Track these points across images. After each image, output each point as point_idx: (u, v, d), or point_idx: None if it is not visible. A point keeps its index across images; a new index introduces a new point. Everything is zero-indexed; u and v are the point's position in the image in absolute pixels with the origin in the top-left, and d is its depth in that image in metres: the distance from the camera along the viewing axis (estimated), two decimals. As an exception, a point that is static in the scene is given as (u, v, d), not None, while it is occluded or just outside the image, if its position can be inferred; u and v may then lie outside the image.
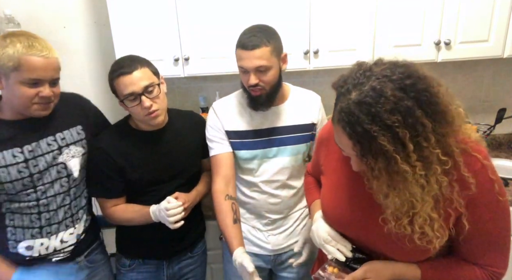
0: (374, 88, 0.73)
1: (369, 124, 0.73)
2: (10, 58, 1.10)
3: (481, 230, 0.85)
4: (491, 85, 2.21)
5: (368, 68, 0.79)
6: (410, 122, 0.72)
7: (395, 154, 0.73)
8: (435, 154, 0.75)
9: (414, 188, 0.77)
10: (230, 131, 1.43)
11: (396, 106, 0.72)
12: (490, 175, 0.82)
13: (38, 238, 1.27)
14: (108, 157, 1.35)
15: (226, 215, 1.36)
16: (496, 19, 1.76)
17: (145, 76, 1.28)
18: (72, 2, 2.00)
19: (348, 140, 0.78)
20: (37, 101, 1.16)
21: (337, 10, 1.75)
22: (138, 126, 1.41)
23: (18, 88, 1.13)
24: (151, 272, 1.52)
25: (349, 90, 0.77)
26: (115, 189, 1.40)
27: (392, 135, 0.72)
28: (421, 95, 0.73)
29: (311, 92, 1.52)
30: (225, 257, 1.60)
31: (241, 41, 1.29)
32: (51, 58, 1.16)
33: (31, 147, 1.22)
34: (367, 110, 0.73)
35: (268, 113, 1.42)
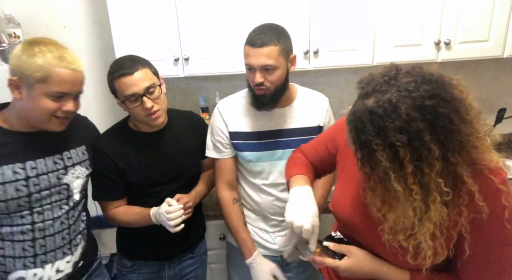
0: (391, 101, 0.70)
1: (373, 136, 0.71)
2: (39, 69, 1.03)
3: (481, 256, 0.82)
4: (491, 85, 2.21)
5: (394, 76, 0.75)
6: (416, 145, 0.69)
7: (390, 171, 0.72)
8: (437, 182, 0.72)
9: (407, 210, 0.75)
10: (233, 132, 1.42)
11: (406, 125, 0.69)
12: (503, 201, 0.77)
13: (31, 268, 1.14)
14: (108, 159, 1.35)
15: (238, 219, 1.43)
16: (496, 19, 1.76)
17: (146, 77, 1.27)
18: (72, 2, 2.00)
19: (352, 144, 0.78)
20: (59, 115, 1.10)
21: (337, 10, 1.75)
22: (138, 127, 1.41)
23: (41, 100, 1.05)
24: (152, 273, 1.52)
25: (368, 94, 0.75)
26: (115, 191, 1.40)
27: (393, 153, 0.70)
28: (439, 119, 0.69)
29: (318, 94, 1.49)
30: (230, 259, 1.60)
31: (250, 38, 1.27)
32: (79, 71, 1.11)
33: (35, 163, 1.12)
34: (376, 122, 0.71)
35: (274, 114, 1.40)
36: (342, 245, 0.96)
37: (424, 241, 0.77)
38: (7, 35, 1.71)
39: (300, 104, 1.43)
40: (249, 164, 1.44)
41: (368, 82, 0.77)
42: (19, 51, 1.06)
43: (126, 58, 1.32)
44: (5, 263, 1.12)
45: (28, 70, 1.03)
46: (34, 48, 1.05)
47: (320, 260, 0.97)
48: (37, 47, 1.05)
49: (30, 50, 1.04)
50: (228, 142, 1.43)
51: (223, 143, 1.44)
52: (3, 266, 1.12)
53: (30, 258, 1.13)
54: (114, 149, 1.36)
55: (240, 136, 1.41)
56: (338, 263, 0.93)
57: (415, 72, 0.75)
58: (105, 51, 2.04)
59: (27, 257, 1.13)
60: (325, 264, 0.96)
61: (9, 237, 1.10)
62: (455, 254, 0.83)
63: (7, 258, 1.11)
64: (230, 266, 1.60)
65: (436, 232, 0.77)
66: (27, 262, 1.13)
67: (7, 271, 1.12)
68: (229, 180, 1.47)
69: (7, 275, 1.12)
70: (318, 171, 1.24)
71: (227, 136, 1.42)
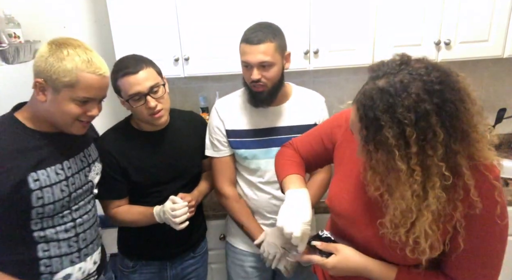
0: (402, 81, 0.73)
1: (382, 113, 0.73)
2: (67, 73, 1.00)
3: (473, 250, 0.83)
4: (491, 85, 2.21)
5: (406, 61, 0.78)
6: (422, 125, 0.71)
7: (395, 149, 0.73)
8: (438, 166, 0.73)
9: (405, 191, 0.76)
10: (230, 130, 1.43)
11: (414, 105, 0.71)
12: (496, 196, 0.80)
13: (77, 263, 1.16)
14: (111, 158, 1.35)
15: (248, 212, 1.47)
16: (496, 19, 1.76)
17: (150, 76, 1.28)
18: (72, 2, 2.00)
19: (358, 122, 0.79)
20: (82, 119, 1.09)
21: (337, 10, 1.75)
22: (140, 126, 1.41)
23: (67, 104, 1.04)
24: (154, 273, 1.52)
25: (379, 76, 0.77)
26: (118, 190, 1.40)
27: (399, 131, 0.72)
28: (445, 104, 0.71)
29: (314, 93, 1.51)
30: (229, 258, 1.60)
31: (246, 36, 1.30)
32: (106, 76, 1.09)
33: (69, 163, 1.13)
34: (386, 99, 0.73)
35: (269, 112, 1.41)
36: (330, 244, 0.97)
37: (423, 231, 0.78)
38: (7, 35, 1.71)
39: (295, 102, 1.44)
40: (245, 161, 1.45)
41: (380, 66, 0.79)
42: (46, 52, 1.02)
43: (130, 57, 1.32)
44: (51, 264, 1.11)
45: (56, 74, 1.00)
46: (63, 50, 1.02)
47: (307, 258, 0.99)
48: (65, 50, 1.02)
49: (59, 52, 1.01)
50: (226, 140, 1.44)
51: (221, 141, 1.45)
52: (49, 268, 1.10)
53: (76, 253, 1.15)
54: (116, 148, 1.36)
55: (236, 134, 1.43)
56: (325, 261, 0.95)
57: (425, 60, 0.78)
58: (105, 51, 2.03)
59: (73, 253, 1.15)
60: (313, 261, 0.97)
61: (54, 238, 1.10)
62: (450, 248, 0.84)
63: (54, 258, 1.11)
64: (230, 265, 1.60)
65: (432, 225, 0.78)
66: (74, 258, 1.15)
67: (53, 271, 1.11)
68: (230, 178, 1.49)
69: (53, 276, 1.11)
70: (310, 165, 1.23)
71: (225, 134, 1.44)
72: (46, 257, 1.10)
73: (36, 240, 1.07)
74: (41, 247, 1.08)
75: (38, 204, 1.04)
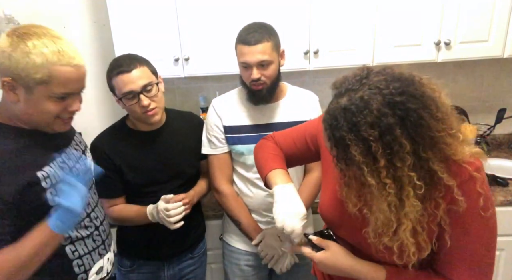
0: (362, 98, 0.73)
1: (346, 132, 0.74)
2: (38, 69, 0.89)
3: (460, 245, 0.83)
4: (491, 85, 2.21)
5: (366, 75, 0.78)
6: (387, 139, 0.71)
7: (363, 166, 0.74)
8: (409, 176, 0.74)
9: (381, 204, 0.76)
10: (227, 126, 1.45)
11: (377, 120, 0.71)
12: (478, 188, 0.79)
13: (105, 255, 1.15)
14: (105, 157, 1.36)
15: (246, 210, 1.48)
16: (496, 19, 1.76)
17: (144, 75, 1.29)
18: (72, 2, 2.00)
19: (327, 141, 0.80)
20: (64, 116, 1.00)
21: (337, 10, 1.75)
22: (136, 126, 1.42)
23: (45, 103, 0.94)
24: (151, 273, 1.52)
25: (342, 93, 0.77)
26: (113, 189, 1.40)
27: (365, 147, 0.73)
28: (408, 115, 0.71)
29: (309, 92, 1.54)
30: (226, 258, 1.60)
31: (242, 37, 1.33)
32: (82, 66, 0.98)
33: (67, 154, 1.06)
34: (349, 117, 0.73)
35: (266, 109, 1.45)
36: (324, 240, 0.98)
37: (406, 238, 0.78)
38: (7, 35, 1.71)
39: (290, 99, 1.48)
40: (241, 157, 1.46)
41: (342, 83, 0.80)
42: (7, 46, 0.89)
43: (125, 56, 1.33)
44: (83, 263, 1.07)
45: (25, 71, 0.88)
46: (27, 42, 0.88)
47: (298, 248, 1.00)
48: (30, 42, 0.89)
49: (23, 46, 0.88)
50: (223, 136, 1.46)
51: (218, 138, 1.46)
52: (82, 267, 1.07)
53: (102, 246, 1.14)
54: (111, 147, 1.37)
55: (233, 129, 1.45)
56: (313, 254, 0.96)
57: (385, 72, 0.78)
58: (105, 51, 2.04)
59: (99, 246, 1.13)
60: (303, 253, 0.99)
61: (79, 236, 1.06)
62: (438, 246, 0.84)
63: (84, 257, 1.07)
64: (226, 264, 1.60)
65: (417, 227, 0.78)
66: (101, 250, 1.13)
67: (86, 269, 1.08)
68: (227, 175, 1.51)
69: (88, 273, 1.08)
70: (290, 161, 1.21)
71: (222, 130, 1.46)
72: (76, 257, 1.06)
73: (62, 243, 1.01)
74: (69, 249, 1.04)
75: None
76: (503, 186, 1.79)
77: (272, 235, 1.40)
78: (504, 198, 1.70)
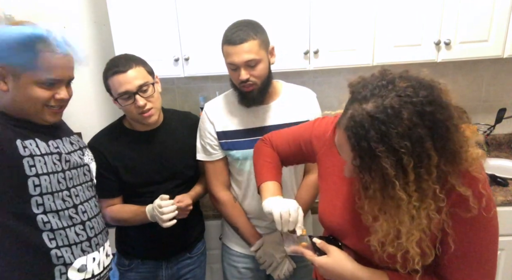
0: (393, 106, 0.69)
1: (376, 143, 0.69)
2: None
3: (463, 247, 0.81)
4: (491, 85, 2.21)
5: (392, 80, 0.74)
6: (418, 152, 0.69)
7: (395, 179, 0.70)
8: (433, 189, 0.72)
9: (404, 217, 0.75)
10: (220, 131, 1.41)
11: (409, 131, 0.68)
12: (480, 188, 0.77)
13: (90, 253, 1.10)
14: (101, 157, 1.36)
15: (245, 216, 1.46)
16: (496, 19, 1.76)
17: (139, 75, 1.28)
18: (72, 2, 2.00)
19: (350, 151, 0.75)
20: (52, 104, 1.03)
21: (337, 10, 1.75)
22: (132, 126, 1.42)
23: (32, 89, 0.98)
24: (150, 272, 1.52)
25: (367, 98, 0.73)
26: (109, 189, 1.40)
27: (397, 160, 0.69)
28: (437, 126, 0.69)
29: (305, 89, 1.48)
30: (224, 260, 1.60)
31: (227, 37, 1.27)
32: (69, 54, 1.01)
33: (56, 143, 1.08)
34: (378, 127, 0.69)
35: (259, 111, 1.39)
36: (327, 244, 0.96)
37: (412, 248, 0.77)
38: (7, 35, 1.71)
39: (285, 99, 1.42)
40: (237, 162, 1.43)
41: (364, 86, 0.76)
42: None
43: (121, 56, 1.33)
44: (62, 254, 1.04)
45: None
46: None
47: (300, 249, 0.99)
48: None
49: None
50: (217, 143, 1.42)
51: (212, 145, 1.43)
52: (61, 259, 1.04)
53: (86, 242, 1.09)
54: (107, 147, 1.38)
55: (227, 135, 1.41)
56: (314, 258, 0.95)
57: (409, 77, 0.75)
58: (105, 51, 2.04)
59: (82, 241, 1.08)
60: (304, 255, 0.98)
61: (60, 225, 1.04)
62: (442, 250, 0.83)
63: (63, 248, 1.04)
64: (225, 266, 1.60)
65: (422, 235, 0.77)
66: (84, 246, 1.09)
67: (66, 263, 1.05)
68: (224, 181, 1.48)
69: (68, 268, 1.05)
70: (287, 161, 1.23)
71: (215, 137, 1.42)
72: (54, 246, 1.03)
73: (40, 227, 1.01)
74: (46, 235, 1.02)
75: (32, 173, 0.98)
76: (503, 186, 1.80)
77: (271, 243, 1.39)
78: (504, 198, 1.70)
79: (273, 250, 1.38)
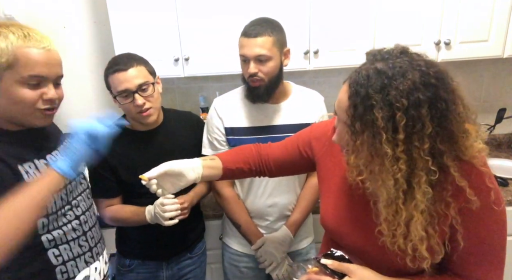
0: (402, 66, 0.72)
1: (375, 92, 0.72)
2: (2, 53, 0.88)
3: (474, 242, 0.81)
4: (491, 85, 2.21)
5: (406, 51, 0.77)
6: (412, 114, 0.70)
7: (383, 131, 0.72)
8: (424, 160, 0.72)
9: (389, 180, 0.74)
10: (228, 127, 1.42)
11: (409, 91, 0.70)
12: (487, 182, 0.78)
13: (92, 263, 1.08)
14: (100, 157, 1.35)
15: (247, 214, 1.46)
16: (496, 19, 1.76)
17: (140, 74, 1.29)
18: (72, 2, 2.00)
19: (347, 99, 0.77)
20: (41, 106, 0.95)
21: (337, 10, 1.75)
22: (132, 126, 1.41)
23: (16, 90, 0.91)
24: (150, 273, 1.52)
25: (378, 59, 0.76)
26: (109, 189, 1.40)
27: (390, 114, 0.71)
28: (438, 101, 0.71)
29: (314, 92, 1.50)
30: (225, 259, 1.60)
31: (244, 29, 1.31)
32: (52, 50, 0.95)
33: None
34: (381, 79, 0.72)
35: (268, 110, 1.41)
36: (342, 264, 0.88)
37: (417, 234, 0.76)
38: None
39: (295, 100, 1.44)
40: None
41: (379, 51, 0.78)
42: None
43: (123, 55, 1.34)
44: (67, 270, 1.01)
45: None
46: None
47: (316, 278, 0.90)
48: None
49: None
50: (224, 138, 1.44)
51: (219, 140, 1.44)
52: (66, 274, 1.01)
53: (88, 253, 1.08)
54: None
55: (235, 131, 1.42)
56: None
57: (425, 56, 0.78)
58: (105, 51, 2.04)
59: (85, 253, 1.06)
60: None
61: (64, 240, 1.01)
62: (451, 248, 0.82)
63: (68, 262, 1.01)
64: (225, 265, 1.60)
65: (429, 229, 0.77)
66: (87, 258, 1.07)
67: (70, 277, 1.02)
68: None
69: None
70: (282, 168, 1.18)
71: (223, 132, 1.43)
72: (60, 263, 1.00)
73: (45, 246, 0.97)
74: (52, 253, 0.98)
75: None
76: (503, 186, 1.80)
77: (272, 242, 1.39)
78: (504, 198, 1.70)
79: (274, 250, 1.38)
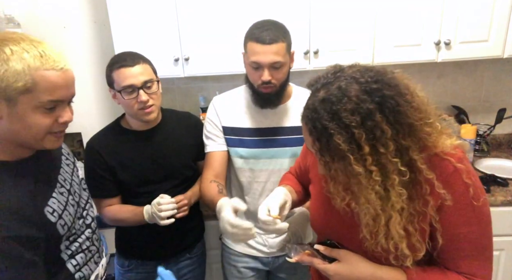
0: (340, 87, 0.75)
1: (328, 121, 0.74)
2: (19, 77, 0.78)
3: (456, 238, 0.82)
4: (491, 85, 2.21)
5: (340, 69, 0.80)
6: (369, 125, 0.72)
7: (349, 154, 0.74)
8: (393, 162, 0.74)
9: (369, 195, 0.76)
10: (227, 127, 1.41)
11: (357, 106, 0.72)
12: (464, 179, 0.78)
13: (100, 262, 1.10)
14: (99, 157, 1.36)
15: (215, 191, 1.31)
16: (496, 19, 1.76)
17: (145, 72, 1.30)
18: (72, 2, 2.00)
19: (309, 136, 0.80)
20: (55, 129, 0.88)
21: (337, 10, 1.75)
22: (130, 125, 1.42)
23: (31, 116, 0.82)
24: (149, 273, 1.52)
25: (318, 89, 0.79)
26: (107, 189, 1.41)
27: (349, 135, 0.73)
28: (386, 101, 0.73)
29: None
30: (224, 259, 1.60)
31: (255, 34, 1.23)
32: (69, 70, 0.87)
33: (63, 176, 0.99)
34: (329, 107, 0.74)
35: (269, 112, 1.39)
36: (334, 249, 0.93)
37: (397, 233, 0.78)
38: (7, 35, 1.71)
39: (295, 102, 1.42)
40: (240, 161, 1.42)
41: (316, 80, 0.82)
42: None
43: (127, 53, 1.35)
44: (84, 274, 1.00)
45: (4, 80, 0.77)
46: (4, 49, 0.79)
47: (308, 259, 0.94)
48: (6, 48, 0.79)
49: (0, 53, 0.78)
50: (222, 136, 1.43)
51: (215, 135, 1.43)
52: (83, 279, 1.01)
53: (97, 254, 1.08)
54: (104, 147, 1.38)
55: (234, 131, 1.41)
56: (327, 266, 0.90)
57: (358, 65, 0.81)
58: (105, 51, 2.04)
59: (94, 255, 1.07)
60: (313, 264, 0.94)
61: (79, 250, 1.00)
62: (432, 245, 0.83)
63: (83, 268, 1.00)
64: (225, 266, 1.60)
65: (408, 227, 0.78)
66: (96, 258, 1.07)
67: (86, 278, 1.01)
68: (217, 172, 1.41)
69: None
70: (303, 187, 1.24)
71: (220, 129, 1.42)
72: (78, 270, 0.99)
73: (64, 260, 0.95)
74: (70, 263, 0.96)
75: (65, 231, 0.93)
76: (503, 186, 1.79)
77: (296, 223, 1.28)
78: (504, 198, 1.70)
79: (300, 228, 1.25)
